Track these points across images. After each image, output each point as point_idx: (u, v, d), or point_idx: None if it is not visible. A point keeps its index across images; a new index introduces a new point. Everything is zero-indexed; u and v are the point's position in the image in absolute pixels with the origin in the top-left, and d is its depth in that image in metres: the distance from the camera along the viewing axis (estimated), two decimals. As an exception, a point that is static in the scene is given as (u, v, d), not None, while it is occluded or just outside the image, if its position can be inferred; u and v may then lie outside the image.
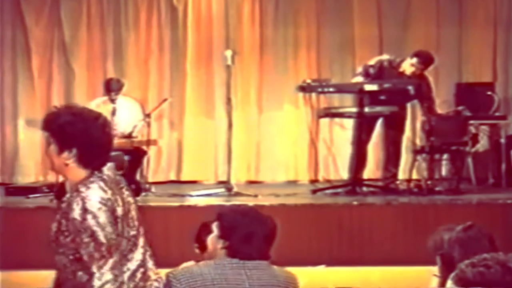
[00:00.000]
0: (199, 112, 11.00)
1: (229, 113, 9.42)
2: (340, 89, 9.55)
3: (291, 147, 10.95)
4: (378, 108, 9.16)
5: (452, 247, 3.35)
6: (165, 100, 10.30)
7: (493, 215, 7.90)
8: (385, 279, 7.36)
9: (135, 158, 9.34)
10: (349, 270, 7.72)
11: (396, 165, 9.56)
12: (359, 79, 9.28)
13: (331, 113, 9.65)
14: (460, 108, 9.65)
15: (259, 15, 11.02)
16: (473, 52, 10.95)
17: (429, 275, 3.47)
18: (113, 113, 9.43)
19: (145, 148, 9.61)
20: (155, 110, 9.98)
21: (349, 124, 9.73)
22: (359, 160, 9.28)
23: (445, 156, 9.47)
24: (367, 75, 9.26)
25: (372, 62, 9.39)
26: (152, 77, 11.00)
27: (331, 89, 9.29)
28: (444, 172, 9.60)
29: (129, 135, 9.47)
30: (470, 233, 3.39)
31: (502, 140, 9.92)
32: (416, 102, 9.53)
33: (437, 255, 3.39)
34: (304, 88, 9.18)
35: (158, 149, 10.63)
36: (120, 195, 3.31)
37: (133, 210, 3.36)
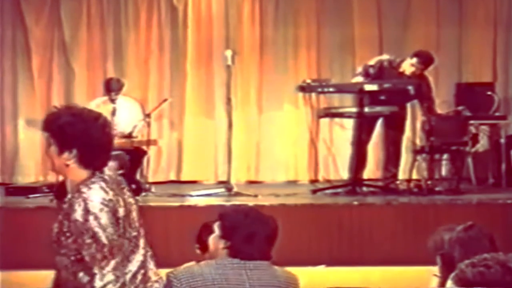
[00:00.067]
0: (199, 112, 11.00)
1: (229, 113, 9.42)
2: (340, 89, 9.55)
3: (291, 147, 10.95)
4: (378, 108, 9.16)
5: (452, 247, 3.35)
6: (165, 100, 10.30)
7: (493, 215, 7.89)
8: (385, 279, 7.35)
9: (135, 158, 9.34)
10: (349, 270, 7.72)
11: (396, 165, 9.55)
12: (359, 79, 9.28)
13: (331, 113, 9.64)
14: (460, 108, 9.65)
15: (259, 15, 11.02)
16: (473, 52, 10.95)
17: (429, 275, 3.47)
18: (113, 113, 9.43)
19: (145, 148, 9.61)
20: (155, 110, 9.98)
21: (349, 124, 9.72)
22: (359, 160, 9.27)
23: (445, 156, 9.47)
24: (367, 75, 9.25)
25: (372, 62, 9.39)
26: (152, 77, 11.00)
27: (331, 89, 9.29)
28: (444, 172, 9.59)
29: (129, 135, 9.47)
30: (471, 233, 3.39)
31: (502, 140, 9.91)
32: (416, 102, 9.53)
33: (437, 255, 3.39)
34: (304, 88, 9.18)
35: (158, 149, 10.63)
36: (122, 196, 3.31)
37: (134, 211, 3.36)
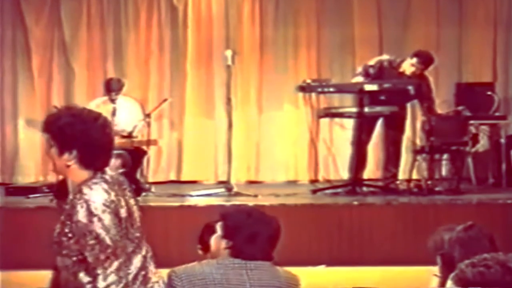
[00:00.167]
0: (199, 112, 11.00)
1: (229, 113, 9.42)
2: (340, 89, 9.55)
3: (291, 147, 10.94)
4: (378, 108, 9.16)
5: (452, 247, 3.34)
6: (165, 100, 10.30)
7: (493, 215, 7.90)
8: (385, 279, 7.35)
9: (135, 158, 9.34)
10: (349, 270, 7.72)
11: (396, 165, 9.56)
12: (359, 79, 9.28)
13: (331, 113, 9.64)
14: (460, 108, 9.64)
15: (259, 15, 11.02)
16: (473, 52, 10.95)
17: (429, 275, 3.47)
18: (113, 113, 9.44)
19: (145, 148, 9.61)
20: (155, 110, 9.98)
21: (349, 124, 9.72)
22: (359, 160, 9.27)
23: (445, 156, 9.47)
24: (367, 75, 9.25)
25: (372, 62, 9.39)
26: (152, 77, 10.99)
27: (331, 89, 9.29)
28: (444, 172, 9.60)
29: (129, 135, 9.47)
30: (471, 233, 3.39)
31: (502, 140, 9.91)
32: (416, 102, 9.53)
33: (438, 255, 3.39)
34: (304, 88, 9.18)
35: (158, 149, 10.63)
36: (123, 197, 3.30)
37: (135, 212, 3.36)
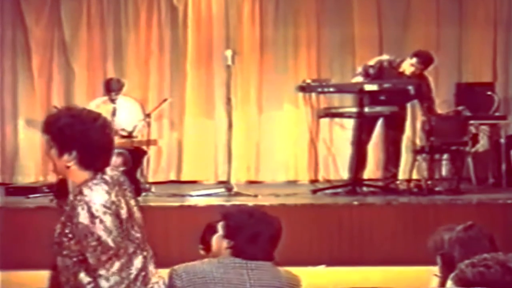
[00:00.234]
0: (199, 112, 11.00)
1: (229, 113, 9.42)
2: (340, 89, 9.54)
3: (291, 147, 10.94)
4: (378, 108, 9.16)
5: (452, 247, 3.34)
6: (165, 100, 10.30)
7: (493, 215, 7.90)
8: (385, 279, 7.35)
9: (135, 158, 9.33)
10: (349, 270, 7.72)
11: (396, 165, 9.55)
12: (359, 79, 9.27)
13: (331, 113, 9.64)
14: (460, 108, 9.64)
15: (259, 15, 11.02)
16: (473, 52, 10.95)
17: (429, 275, 3.47)
18: (113, 113, 9.44)
19: (145, 148, 9.61)
20: (155, 110, 9.98)
21: (349, 124, 9.72)
22: (359, 160, 9.27)
23: (445, 156, 9.47)
24: (367, 75, 9.25)
25: (372, 62, 9.39)
26: (152, 77, 10.99)
27: (331, 89, 9.29)
28: (444, 172, 9.60)
29: (129, 135, 9.47)
30: (471, 233, 3.38)
31: (502, 140, 9.91)
32: (416, 102, 9.53)
33: (437, 255, 3.39)
34: (304, 88, 9.18)
35: (158, 149, 10.63)
36: (124, 197, 3.30)
37: (136, 212, 3.35)
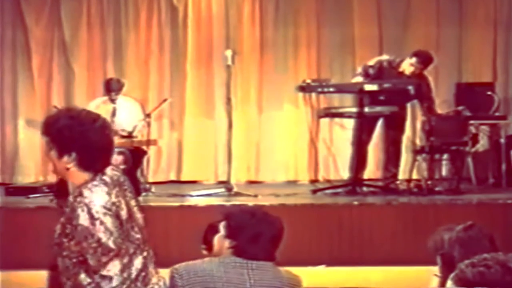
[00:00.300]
0: (199, 112, 11.00)
1: (229, 113, 9.42)
2: (340, 89, 9.54)
3: (291, 147, 10.94)
4: (378, 108, 9.16)
5: (452, 247, 3.34)
6: (165, 100, 10.30)
7: (493, 215, 7.90)
8: (385, 279, 7.35)
9: (135, 158, 9.34)
10: (349, 270, 7.72)
11: (396, 165, 9.55)
12: (359, 79, 9.27)
13: (331, 113, 9.64)
14: (460, 108, 9.64)
15: (259, 15, 11.02)
16: (473, 52, 10.95)
17: (429, 275, 3.46)
18: (113, 113, 9.44)
19: (145, 148, 9.61)
20: (155, 110, 9.98)
21: (349, 124, 9.72)
22: (359, 161, 9.27)
23: (445, 156, 9.47)
24: (366, 76, 9.25)
25: (372, 62, 9.39)
26: (152, 77, 10.99)
27: (331, 89, 9.28)
28: (444, 172, 9.60)
29: (129, 135, 9.46)
30: (471, 233, 3.38)
31: (502, 140, 9.91)
32: (416, 102, 9.53)
33: (437, 255, 3.39)
34: (304, 88, 9.18)
35: (158, 149, 10.63)
36: (124, 198, 3.30)
37: (136, 213, 3.35)
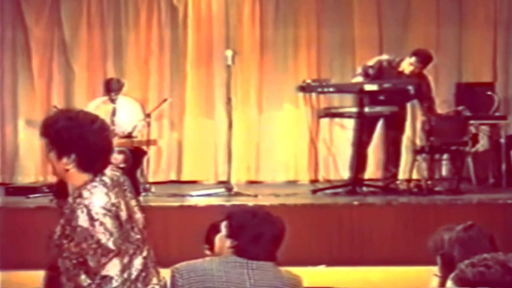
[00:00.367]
0: (199, 112, 11.00)
1: (229, 113, 9.42)
2: (340, 89, 9.54)
3: (291, 147, 10.94)
4: (378, 108, 9.15)
5: (452, 247, 3.34)
6: (165, 100, 10.30)
7: (493, 215, 7.90)
8: (385, 279, 7.36)
9: (135, 158, 9.33)
10: (349, 270, 7.72)
11: (396, 165, 9.55)
12: (359, 79, 9.27)
13: (331, 113, 9.64)
14: (460, 108, 9.64)
15: (259, 15, 11.02)
16: (473, 52, 10.95)
17: (429, 275, 3.46)
18: (113, 113, 9.44)
19: (145, 148, 9.61)
20: (155, 110, 9.98)
21: (349, 124, 9.73)
22: (359, 162, 9.27)
23: (445, 156, 9.47)
24: (366, 76, 9.25)
25: (371, 62, 9.39)
26: (152, 77, 10.99)
27: (331, 89, 9.28)
28: (444, 172, 9.60)
29: (129, 135, 9.46)
30: (471, 232, 3.38)
31: (502, 140, 9.91)
32: (416, 102, 9.53)
33: (437, 255, 3.39)
34: (304, 88, 9.18)
35: (158, 149, 10.63)
36: (124, 198, 3.29)
37: (136, 214, 3.35)
